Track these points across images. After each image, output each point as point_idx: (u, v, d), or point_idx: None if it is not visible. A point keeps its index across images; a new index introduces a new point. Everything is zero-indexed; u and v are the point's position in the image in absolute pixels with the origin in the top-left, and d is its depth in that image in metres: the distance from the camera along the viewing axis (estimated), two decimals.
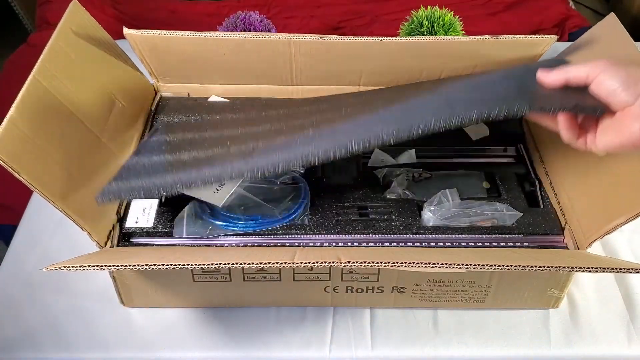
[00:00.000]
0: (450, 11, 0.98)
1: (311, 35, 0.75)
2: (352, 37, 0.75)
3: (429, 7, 0.98)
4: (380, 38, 0.74)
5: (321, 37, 0.75)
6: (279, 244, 0.67)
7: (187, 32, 0.74)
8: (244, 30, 0.98)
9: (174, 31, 0.74)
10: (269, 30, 1.01)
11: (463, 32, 0.98)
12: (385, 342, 0.67)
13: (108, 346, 0.66)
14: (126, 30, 0.73)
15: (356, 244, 0.67)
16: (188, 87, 0.86)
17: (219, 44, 0.77)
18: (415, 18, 0.98)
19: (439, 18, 0.95)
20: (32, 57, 0.60)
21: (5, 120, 0.53)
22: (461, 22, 0.98)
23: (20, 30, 1.76)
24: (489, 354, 0.67)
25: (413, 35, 0.97)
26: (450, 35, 0.95)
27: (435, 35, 0.94)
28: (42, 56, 0.61)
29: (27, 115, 0.56)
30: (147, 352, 0.66)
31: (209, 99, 0.84)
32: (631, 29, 0.69)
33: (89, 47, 0.71)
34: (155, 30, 0.74)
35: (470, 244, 0.67)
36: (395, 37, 0.75)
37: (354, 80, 0.84)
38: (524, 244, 0.68)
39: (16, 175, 0.52)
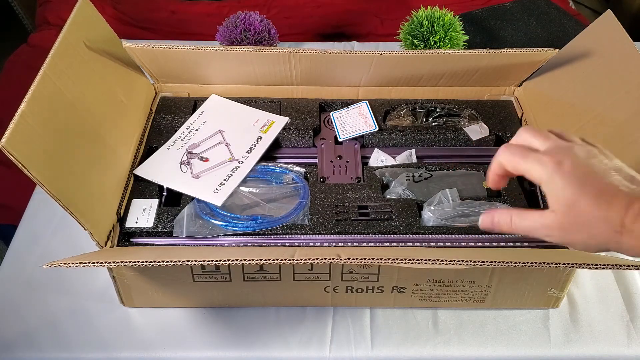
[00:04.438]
0: (450, 11, 0.98)
1: (310, 48, 0.75)
2: (351, 51, 0.76)
3: (429, 7, 0.98)
4: (380, 52, 0.75)
5: (320, 52, 0.75)
6: (279, 244, 0.67)
7: (187, 44, 0.74)
8: (244, 30, 0.98)
9: (172, 42, 0.75)
10: (269, 30, 1.01)
11: (463, 32, 0.98)
12: (385, 342, 0.67)
13: (108, 346, 0.66)
14: (125, 43, 0.74)
15: (356, 243, 0.67)
16: (188, 87, 0.86)
17: (219, 56, 0.77)
18: (415, 18, 0.98)
19: (439, 18, 0.95)
20: (32, 57, 0.60)
21: (17, 115, 0.52)
22: (461, 22, 0.98)
23: (20, 30, 1.76)
24: (489, 354, 0.67)
25: (413, 35, 0.97)
26: (450, 34, 0.95)
27: (436, 34, 0.95)
28: (52, 52, 0.61)
29: (37, 111, 0.55)
30: (147, 352, 0.66)
31: (209, 99, 0.84)
32: (631, 29, 0.69)
33: (96, 45, 0.71)
34: (154, 42, 0.75)
35: (470, 243, 0.67)
36: (394, 51, 0.76)
37: (355, 82, 0.84)
38: (524, 243, 0.67)
39: (25, 171, 0.52)
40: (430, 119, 0.83)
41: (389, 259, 0.52)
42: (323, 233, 0.67)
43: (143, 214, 0.68)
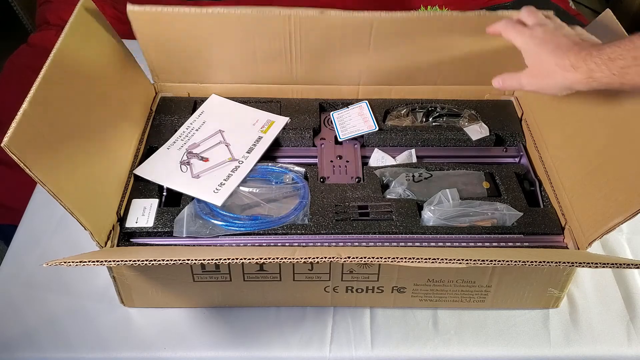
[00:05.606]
0: (451, 11, 0.98)
1: (311, 9, 0.73)
2: (353, 12, 0.73)
3: (428, 7, 0.98)
4: (380, 14, 0.73)
5: (321, 12, 0.73)
6: (279, 244, 0.67)
7: (189, 8, 0.73)
8: None
9: (176, 7, 0.73)
10: None
11: None
12: (385, 342, 0.67)
13: (108, 346, 0.66)
14: (129, 7, 0.72)
15: (356, 243, 0.67)
16: (188, 87, 0.86)
17: (220, 19, 0.75)
18: None
19: None
20: (32, 57, 0.60)
21: (19, 114, 0.52)
22: None
23: (20, 30, 1.75)
24: (489, 354, 0.67)
25: None
26: None
27: None
28: (54, 51, 0.60)
29: (39, 110, 0.55)
30: (147, 352, 0.66)
31: (209, 99, 0.84)
32: (630, 29, 0.69)
33: (98, 44, 0.71)
34: (159, 6, 0.73)
35: (470, 243, 0.67)
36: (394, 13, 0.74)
37: (354, 80, 0.84)
38: (524, 243, 0.68)
39: (27, 170, 0.52)
40: (430, 119, 0.83)
41: (388, 258, 0.52)
42: (323, 233, 0.67)
43: (143, 214, 0.68)
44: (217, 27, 0.77)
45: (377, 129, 0.80)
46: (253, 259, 0.53)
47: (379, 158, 0.78)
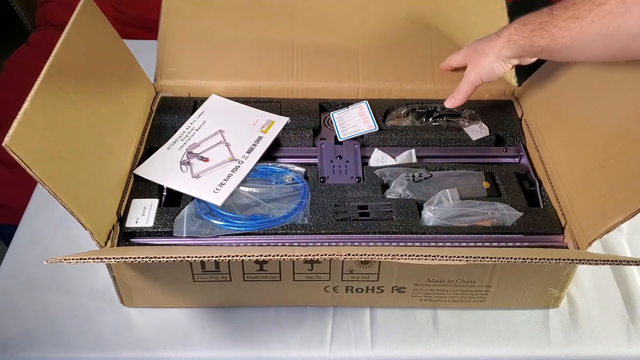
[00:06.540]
0: None
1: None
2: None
3: None
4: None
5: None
6: (279, 244, 0.67)
7: None
8: None
9: None
10: None
11: None
12: (385, 342, 0.67)
13: (108, 346, 0.66)
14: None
15: (356, 243, 0.67)
16: (188, 87, 0.86)
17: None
18: None
19: None
20: (32, 57, 0.60)
21: (20, 114, 0.52)
22: None
23: (20, 30, 1.75)
24: (489, 354, 0.67)
25: None
26: None
27: None
28: (55, 50, 0.60)
29: (40, 110, 0.55)
30: (147, 352, 0.66)
31: (209, 99, 0.84)
32: None
33: (99, 44, 0.71)
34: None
35: (470, 243, 0.67)
36: None
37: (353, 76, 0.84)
38: (524, 243, 0.67)
39: (28, 170, 0.52)
40: (430, 119, 0.83)
41: (388, 255, 0.52)
42: (323, 233, 0.67)
43: (143, 213, 0.68)
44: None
45: (377, 129, 0.80)
46: (253, 256, 0.53)
47: (379, 158, 0.78)
